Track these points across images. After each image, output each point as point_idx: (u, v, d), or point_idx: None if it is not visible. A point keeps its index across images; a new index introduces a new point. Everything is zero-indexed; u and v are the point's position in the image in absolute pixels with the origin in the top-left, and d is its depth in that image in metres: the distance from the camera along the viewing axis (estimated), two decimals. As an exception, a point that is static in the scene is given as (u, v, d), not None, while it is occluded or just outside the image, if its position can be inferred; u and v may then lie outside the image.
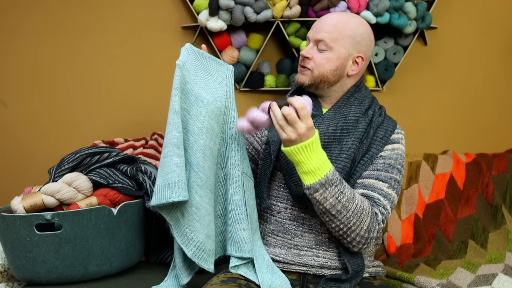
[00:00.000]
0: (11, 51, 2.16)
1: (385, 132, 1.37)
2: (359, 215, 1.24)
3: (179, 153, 1.24)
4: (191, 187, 1.28)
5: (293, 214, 1.38)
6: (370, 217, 1.26)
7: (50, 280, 1.39)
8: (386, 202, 1.31)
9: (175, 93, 1.27)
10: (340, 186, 1.22)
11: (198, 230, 1.29)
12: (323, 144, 1.31)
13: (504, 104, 2.37)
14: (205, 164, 1.28)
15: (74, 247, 1.37)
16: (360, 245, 1.29)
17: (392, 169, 1.34)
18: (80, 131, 2.20)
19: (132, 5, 2.18)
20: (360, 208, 1.24)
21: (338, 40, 1.34)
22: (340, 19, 1.35)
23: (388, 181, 1.32)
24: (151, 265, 1.66)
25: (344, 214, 1.23)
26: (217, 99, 1.34)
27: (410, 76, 2.32)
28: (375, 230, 1.28)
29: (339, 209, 1.22)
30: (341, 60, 1.35)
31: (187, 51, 1.34)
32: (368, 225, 1.26)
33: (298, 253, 1.37)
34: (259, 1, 2.02)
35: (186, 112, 1.30)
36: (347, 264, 1.31)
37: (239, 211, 1.34)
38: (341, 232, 1.27)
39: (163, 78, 2.22)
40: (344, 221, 1.24)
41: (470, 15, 2.32)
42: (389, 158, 1.34)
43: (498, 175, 2.03)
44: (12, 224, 1.37)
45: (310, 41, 1.39)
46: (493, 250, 1.85)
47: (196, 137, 1.29)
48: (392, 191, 1.32)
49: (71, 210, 1.38)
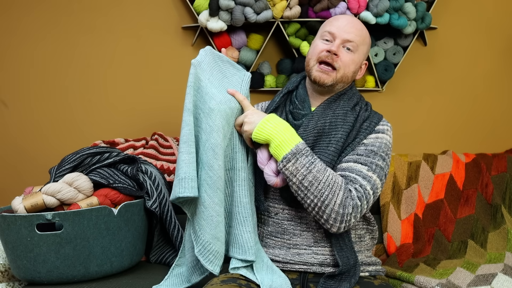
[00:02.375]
0: (11, 51, 2.16)
1: (370, 123, 1.38)
2: (330, 187, 1.24)
3: (188, 150, 1.27)
4: (201, 185, 1.29)
5: (290, 214, 1.38)
6: (343, 191, 1.25)
7: (51, 280, 1.40)
8: (365, 182, 1.29)
9: (189, 91, 1.30)
10: (311, 157, 1.26)
11: (204, 229, 1.29)
12: (313, 139, 1.34)
13: (504, 104, 2.37)
14: (215, 163, 1.29)
15: (74, 247, 1.38)
16: (337, 222, 1.26)
17: (375, 155, 1.32)
18: (81, 131, 2.20)
19: (132, 5, 2.18)
20: (332, 180, 1.25)
21: (362, 45, 1.38)
22: (361, 25, 1.39)
23: (368, 164, 1.31)
24: (151, 265, 1.66)
25: (316, 186, 1.24)
26: (230, 100, 1.34)
27: (410, 76, 2.32)
28: (349, 206, 1.26)
29: (311, 179, 1.24)
30: (359, 64, 1.40)
31: (206, 52, 1.37)
32: (341, 199, 1.25)
33: (297, 252, 1.37)
34: (259, 2, 2.02)
35: (199, 110, 1.32)
36: (337, 257, 1.31)
37: (246, 214, 1.34)
38: (316, 209, 1.26)
39: (163, 78, 2.22)
40: (317, 194, 1.24)
41: (470, 15, 2.32)
42: (372, 145, 1.34)
43: (498, 175, 2.03)
44: (13, 224, 1.37)
45: (335, 37, 1.36)
46: (493, 250, 1.86)
47: (207, 135, 1.30)
48: (372, 174, 1.30)
49: (72, 210, 1.38)
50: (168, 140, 2.02)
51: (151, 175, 1.65)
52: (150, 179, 1.63)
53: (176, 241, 1.63)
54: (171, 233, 1.63)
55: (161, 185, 1.67)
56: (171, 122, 2.22)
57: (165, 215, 1.62)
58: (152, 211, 1.57)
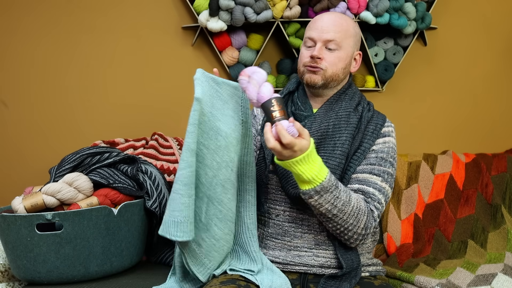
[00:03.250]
0: (11, 51, 2.16)
1: (376, 126, 1.39)
2: (355, 216, 1.26)
3: (189, 193, 1.20)
4: (210, 219, 1.28)
5: (291, 216, 1.38)
6: (367, 216, 1.28)
7: (50, 280, 1.40)
8: (381, 196, 1.33)
9: (192, 129, 1.21)
10: (336, 192, 1.22)
11: (215, 259, 1.31)
12: (316, 142, 1.34)
13: (504, 104, 2.37)
14: (225, 198, 1.28)
15: (74, 247, 1.38)
16: (357, 241, 1.31)
17: (385, 162, 1.36)
18: (80, 131, 2.20)
19: (132, 5, 2.18)
20: (356, 210, 1.26)
21: (346, 39, 1.38)
22: (341, 19, 1.39)
23: (381, 174, 1.34)
24: (151, 265, 1.66)
25: (341, 217, 1.25)
26: (234, 130, 1.29)
27: (410, 76, 2.32)
28: (371, 227, 1.30)
29: (335, 213, 1.24)
30: (349, 58, 1.40)
31: (201, 80, 1.25)
32: (364, 223, 1.28)
33: (298, 254, 1.37)
34: (259, 2, 2.02)
35: (203, 146, 1.26)
36: (340, 259, 1.32)
37: (250, 235, 1.37)
38: (338, 232, 1.29)
39: (164, 78, 2.22)
40: (341, 223, 1.26)
41: (470, 15, 2.32)
42: (381, 151, 1.37)
43: (498, 175, 2.03)
44: (13, 224, 1.37)
45: (315, 41, 1.38)
46: (493, 250, 1.86)
47: (215, 171, 1.26)
48: (385, 185, 1.34)
49: (72, 210, 1.38)
50: (168, 140, 2.02)
51: (151, 175, 1.65)
52: (150, 179, 1.63)
53: (176, 241, 1.63)
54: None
55: (161, 185, 1.67)
56: (171, 122, 2.22)
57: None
58: (152, 211, 1.57)
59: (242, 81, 1.21)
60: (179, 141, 2.03)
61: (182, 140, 2.03)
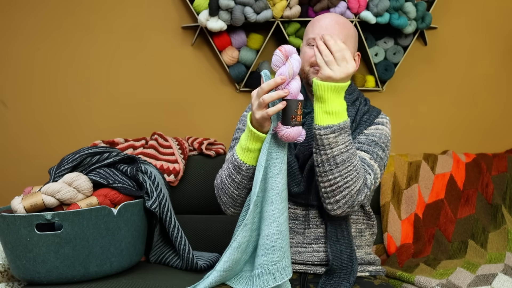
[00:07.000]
0: (11, 51, 2.16)
1: (369, 116, 1.41)
2: (357, 172, 1.24)
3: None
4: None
5: (295, 213, 1.39)
6: (363, 179, 1.27)
7: (50, 280, 1.39)
8: (370, 170, 1.32)
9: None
10: (350, 138, 1.24)
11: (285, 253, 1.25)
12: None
13: (504, 104, 2.37)
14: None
15: (74, 247, 1.37)
16: (345, 207, 1.26)
17: (375, 145, 1.35)
18: (80, 131, 2.20)
19: (132, 5, 2.18)
20: (359, 166, 1.25)
21: (347, 39, 1.38)
22: (340, 20, 1.40)
23: (370, 152, 1.34)
24: (151, 265, 1.66)
25: (346, 167, 1.23)
26: (259, 170, 1.23)
27: (410, 76, 2.32)
28: (363, 194, 1.27)
29: (344, 158, 1.22)
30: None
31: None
32: (360, 186, 1.26)
33: (298, 251, 1.38)
34: (259, 1, 2.02)
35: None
36: (328, 251, 1.32)
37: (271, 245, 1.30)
38: (334, 187, 1.25)
39: (163, 78, 2.22)
40: (343, 174, 1.23)
41: (470, 15, 2.32)
42: (372, 135, 1.37)
43: (498, 175, 2.03)
44: (12, 224, 1.37)
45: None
46: (493, 250, 1.85)
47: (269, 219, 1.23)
48: (374, 163, 1.33)
49: (71, 210, 1.38)
50: (167, 140, 2.02)
51: (151, 175, 1.65)
52: (149, 179, 1.63)
53: (176, 241, 1.62)
54: (170, 233, 1.63)
55: (161, 185, 1.67)
56: (171, 122, 2.22)
57: (164, 215, 1.62)
58: (152, 211, 1.57)
59: (277, 58, 1.19)
60: (178, 141, 2.02)
61: (182, 140, 2.03)
